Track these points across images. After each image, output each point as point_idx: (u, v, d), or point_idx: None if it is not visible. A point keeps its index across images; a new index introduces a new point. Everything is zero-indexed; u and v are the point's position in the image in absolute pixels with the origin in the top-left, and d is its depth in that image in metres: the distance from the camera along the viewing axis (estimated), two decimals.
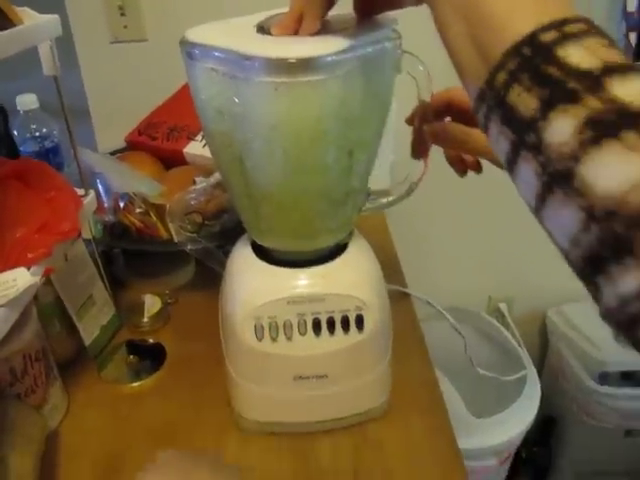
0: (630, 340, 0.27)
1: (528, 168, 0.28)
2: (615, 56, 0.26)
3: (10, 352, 0.56)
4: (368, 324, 0.55)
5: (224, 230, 0.72)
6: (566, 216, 0.27)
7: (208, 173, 0.80)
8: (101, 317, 0.73)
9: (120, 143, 0.99)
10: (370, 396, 0.61)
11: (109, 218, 0.73)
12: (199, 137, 0.87)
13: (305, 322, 0.54)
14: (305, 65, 0.41)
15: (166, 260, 0.85)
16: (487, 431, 1.14)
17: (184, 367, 0.71)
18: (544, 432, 1.50)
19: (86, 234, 0.69)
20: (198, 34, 0.46)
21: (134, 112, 1.01)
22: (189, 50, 0.45)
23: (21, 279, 0.51)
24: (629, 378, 1.33)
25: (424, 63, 0.49)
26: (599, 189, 0.25)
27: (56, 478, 0.58)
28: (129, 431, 0.63)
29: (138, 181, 0.74)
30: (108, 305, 0.75)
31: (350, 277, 0.55)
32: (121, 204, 0.74)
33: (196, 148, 0.85)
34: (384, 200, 0.57)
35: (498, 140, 0.30)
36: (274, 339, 0.54)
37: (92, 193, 0.66)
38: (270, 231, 0.54)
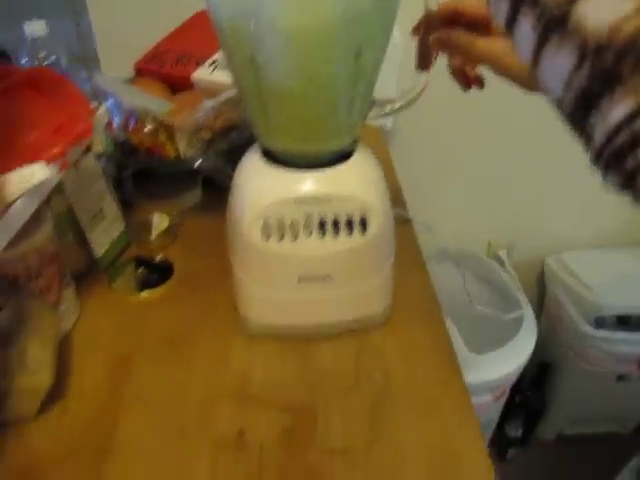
0: (619, 178, 0.28)
1: (526, 23, 0.29)
2: None
3: (26, 249, 0.58)
4: (372, 227, 0.57)
5: (232, 147, 0.73)
6: (561, 60, 0.28)
7: (215, 96, 0.81)
8: (111, 231, 0.75)
9: (127, 73, 1.00)
10: (372, 301, 0.63)
11: (119, 135, 0.75)
12: (207, 63, 0.88)
13: (311, 223, 0.56)
14: None
15: (173, 182, 0.87)
16: (484, 367, 1.18)
17: (191, 280, 0.73)
18: (538, 377, 1.54)
19: (97, 148, 0.71)
20: None
21: (140, 44, 1.01)
22: None
23: (40, 172, 0.53)
24: (625, 322, 1.36)
25: None
26: (591, 24, 0.26)
27: (70, 372, 0.61)
28: (139, 335, 0.66)
29: (148, 100, 0.76)
30: (118, 220, 0.77)
31: (356, 180, 0.57)
32: (131, 123, 0.75)
33: (204, 73, 0.86)
34: (388, 108, 0.58)
35: (498, 5, 0.31)
36: (281, 239, 0.56)
37: (104, 106, 0.67)
38: (279, 132, 0.55)
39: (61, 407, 0.57)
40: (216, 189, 0.82)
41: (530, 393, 1.53)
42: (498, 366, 1.19)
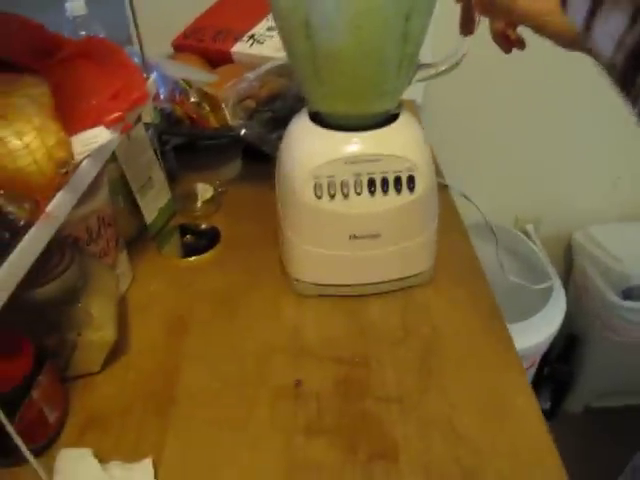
0: None
1: None
2: None
3: (87, 211, 0.61)
4: (419, 185, 0.59)
5: (276, 117, 0.75)
6: (614, 20, 0.29)
7: (255, 69, 0.83)
8: (159, 199, 0.78)
9: (166, 52, 1.02)
10: (418, 260, 0.65)
11: (165, 106, 0.77)
12: (245, 38, 0.90)
13: (361, 182, 0.58)
14: None
15: (215, 155, 0.89)
16: (514, 336, 1.19)
17: (238, 246, 0.76)
18: (566, 350, 1.55)
19: (146, 118, 0.73)
20: None
21: (177, 23, 1.03)
22: None
23: (102, 135, 0.55)
24: None
25: None
26: None
27: (130, 331, 0.64)
28: (191, 296, 0.69)
29: (192, 71, 0.78)
30: (165, 189, 0.79)
31: (402, 141, 0.59)
32: (176, 94, 0.78)
33: (243, 47, 0.88)
34: (432, 71, 0.60)
35: None
36: (332, 197, 0.58)
37: (153, 76, 0.69)
38: (330, 95, 0.57)
39: (124, 363, 0.60)
40: (256, 161, 0.85)
41: (558, 365, 1.54)
42: (528, 336, 1.20)
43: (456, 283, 0.68)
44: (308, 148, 0.59)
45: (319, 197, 0.58)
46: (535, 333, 1.20)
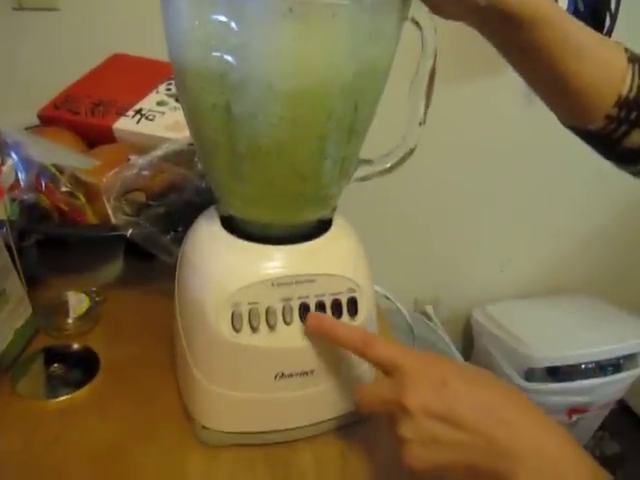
0: None
1: None
2: None
3: None
4: (362, 309, 0.48)
5: (170, 212, 0.62)
6: None
7: (142, 152, 0.69)
8: (15, 318, 0.60)
9: (29, 121, 0.85)
10: None
11: (27, 197, 0.61)
12: (131, 113, 0.76)
13: (291, 308, 0.46)
14: None
15: (90, 253, 0.73)
16: None
17: (122, 375, 0.59)
18: None
19: None
20: None
21: (44, 90, 0.87)
22: None
23: None
24: (554, 373, 1.36)
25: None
26: None
27: None
28: (62, 457, 0.51)
29: (65, 154, 0.62)
30: (24, 303, 0.61)
31: (340, 255, 0.48)
32: (42, 182, 0.62)
33: (128, 124, 0.74)
34: (375, 169, 0.50)
35: None
36: (254, 330, 0.45)
37: (10, 162, 0.54)
38: (253, 198, 0.45)
39: None
40: (139, 257, 0.70)
41: None
42: None
43: None
44: (223, 266, 0.46)
45: (237, 330, 0.45)
46: None
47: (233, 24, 0.35)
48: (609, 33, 1.15)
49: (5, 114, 0.88)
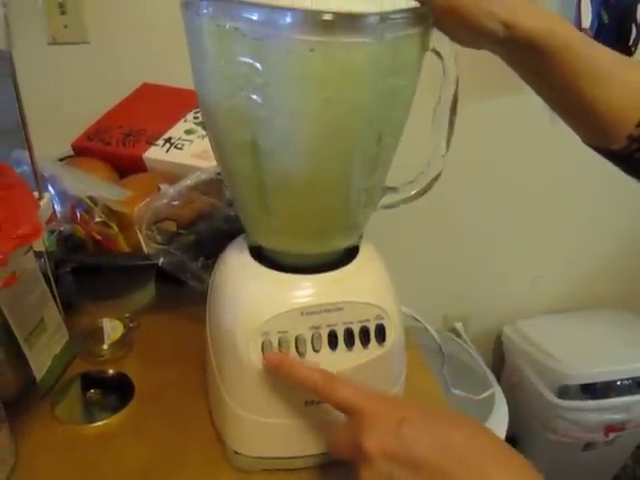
0: None
1: None
2: None
3: None
4: (390, 336, 0.48)
5: (200, 240, 0.63)
6: None
7: (172, 181, 0.71)
8: (54, 345, 0.62)
9: (63, 152, 0.88)
10: None
11: (64, 228, 0.63)
12: (160, 142, 0.78)
13: (320, 335, 0.47)
14: (351, 23, 0.35)
15: (122, 279, 0.75)
16: None
17: (156, 400, 0.61)
18: None
19: (38, 246, 0.59)
20: None
21: (77, 121, 0.90)
22: (196, 3, 0.38)
23: None
24: (589, 391, 1.33)
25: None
26: None
27: None
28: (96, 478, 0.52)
29: (98, 185, 0.65)
30: (61, 330, 0.63)
31: (368, 283, 0.49)
32: (77, 213, 0.64)
33: (158, 153, 0.77)
34: (398, 197, 0.51)
35: None
36: None
37: (47, 196, 0.56)
38: (280, 230, 0.46)
39: None
40: (172, 283, 0.72)
41: None
42: None
43: None
44: (253, 296, 0.47)
45: None
46: None
47: (258, 65, 0.37)
48: (635, 44, 1.14)
49: (41, 145, 0.92)
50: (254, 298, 0.47)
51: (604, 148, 0.49)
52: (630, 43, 1.13)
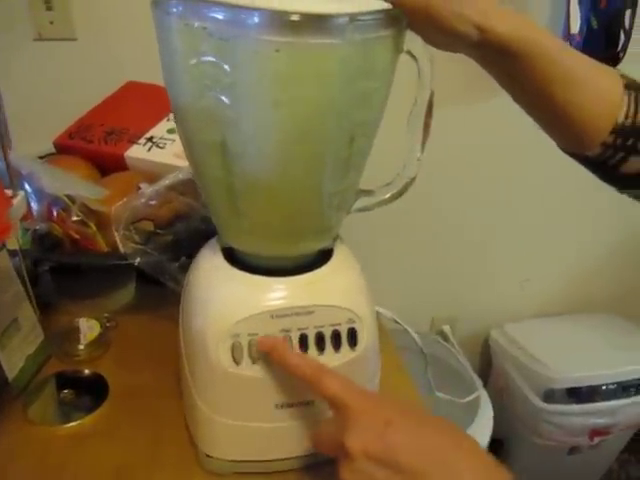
0: None
1: None
2: None
3: None
4: (362, 340, 0.48)
5: (178, 240, 0.63)
6: None
7: (152, 180, 0.71)
8: (27, 345, 0.61)
9: (45, 149, 0.87)
10: None
11: (39, 227, 0.62)
12: (142, 140, 0.78)
13: (290, 339, 0.46)
14: (318, 24, 0.34)
15: (102, 279, 0.74)
16: None
17: (130, 401, 0.60)
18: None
19: (12, 244, 0.58)
20: None
21: (60, 118, 0.90)
22: (165, 2, 0.37)
23: None
24: (574, 395, 1.33)
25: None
26: None
27: None
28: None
29: (76, 184, 0.64)
30: (36, 330, 0.63)
31: (341, 286, 0.49)
32: (54, 211, 0.63)
33: (139, 152, 0.76)
34: (374, 200, 0.51)
35: None
36: (254, 361, 0.46)
37: (22, 194, 0.55)
38: (251, 232, 0.46)
39: None
40: (152, 283, 0.71)
41: None
42: None
43: None
44: (223, 296, 0.47)
45: (238, 362, 0.45)
46: None
47: (225, 65, 0.36)
48: (623, 50, 1.14)
49: (24, 142, 0.91)
50: (225, 300, 0.47)
51: (579, 154, 0.49)
52: (619, 49, 1.13)
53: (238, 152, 0.40)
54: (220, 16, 0.35)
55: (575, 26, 1.10)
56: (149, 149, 0.76)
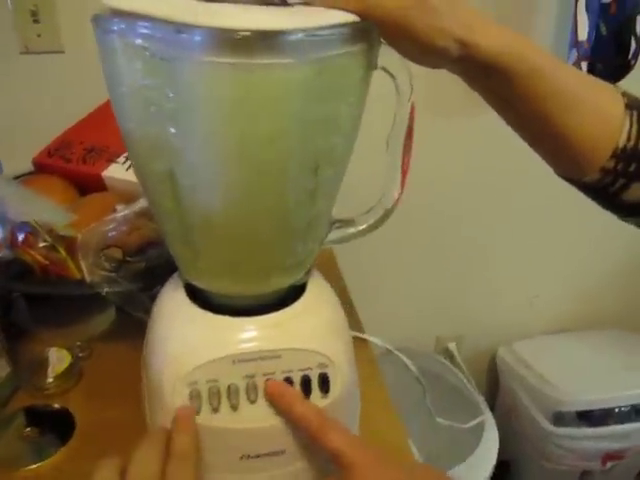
0: None
1: None
2: None
3: None
4: (335, 385, 0.44)
5: (150, 268, 0.59)
6: None
7: (130, 200, 0.67)
8: None
9: (28, 166, 0.84)
10: None
11: (4, 254, 0.59)
12: (121, 159, 0.74)
13: (255, 386, 0.42)
14: (269, 41, 0.30)
15: (79, 304, 0.70)
16: None
17: (97, 440, 0.56)
18: (497, 478, 1.42)
19: None
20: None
21: (47, 133, 0.87)
22: (105, 20, 0.34)
23: None
24: (585, 418, 1.27)
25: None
26: None
27: None
28: None
29: (42, 208, 0.61)
30: (2, 361, 0.60)
31: (311, 326, 0.44)
32: (19, 237, 0.60)
33: (118, 171, 0.73)
34: (351, 230, 0.46)
35: None
36: (215, 410, 0.42)
37: None
38: (209, 270, 0.42)
39: None
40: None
41: None
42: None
43: None
44: (181, 338, 0.43)
45: (197, 411, 0.41)
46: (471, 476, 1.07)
47: (167, 89, 0.32)
48: (635, 57, 1.08)
49: (10, 159, 0.89)
50: (184, 342, 0.43)
51: (577, 180, 0.44)
52: (630, 56, 1.07)
53: (187, 184, 0.36)
54: (160, 34, 0.31)
55: (583, 33, 1.04)
56: (127, 168, 0.72)
